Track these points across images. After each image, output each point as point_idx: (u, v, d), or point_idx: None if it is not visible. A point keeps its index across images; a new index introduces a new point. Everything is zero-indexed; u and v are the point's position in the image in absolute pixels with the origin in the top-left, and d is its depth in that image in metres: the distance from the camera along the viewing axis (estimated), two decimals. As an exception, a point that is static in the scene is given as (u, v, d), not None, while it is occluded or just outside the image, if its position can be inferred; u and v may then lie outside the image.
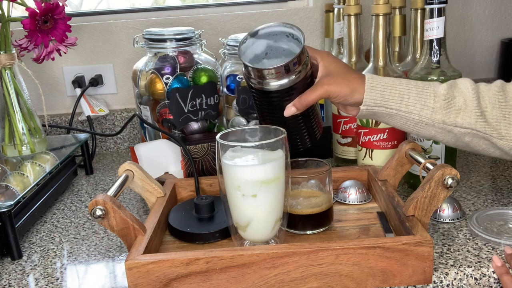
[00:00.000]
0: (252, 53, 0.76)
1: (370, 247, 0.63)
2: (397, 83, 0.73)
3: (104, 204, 0.67)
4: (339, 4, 1.11)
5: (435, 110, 0.71)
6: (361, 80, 0.73)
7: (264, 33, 0.76)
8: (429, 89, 0.72)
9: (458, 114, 0.71)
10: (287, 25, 0.76)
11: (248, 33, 0.76)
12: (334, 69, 0.74)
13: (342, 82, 0.72)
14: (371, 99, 0.72)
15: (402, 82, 0.73)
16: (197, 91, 1.02)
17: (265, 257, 0.63)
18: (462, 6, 1.36)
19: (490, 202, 0.87)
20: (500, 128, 0.71)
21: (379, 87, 0.72)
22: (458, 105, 0.71)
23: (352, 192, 0.86)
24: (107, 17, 1.34)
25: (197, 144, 0.95)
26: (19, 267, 0.76)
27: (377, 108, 0.73)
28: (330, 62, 0.74)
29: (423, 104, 0.72)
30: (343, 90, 0.72)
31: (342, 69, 0.74)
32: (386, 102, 0.72)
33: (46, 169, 0.95)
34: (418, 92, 0.72)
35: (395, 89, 0.72)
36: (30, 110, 1.03)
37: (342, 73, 0.74)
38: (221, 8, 1.36)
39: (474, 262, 0.69)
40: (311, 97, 0.72)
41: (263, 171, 0.67)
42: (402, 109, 0.72)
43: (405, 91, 0.72)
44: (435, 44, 0.85)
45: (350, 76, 0.73)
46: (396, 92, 0.72)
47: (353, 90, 0.72)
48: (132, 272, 0.63)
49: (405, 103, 0.72)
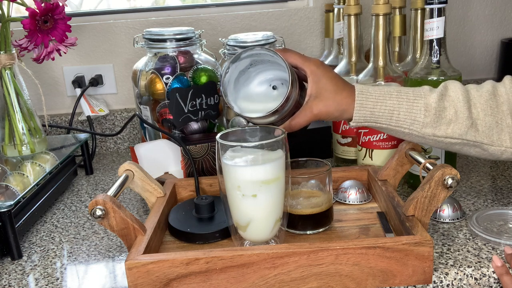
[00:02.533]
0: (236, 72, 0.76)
1: (370, 247, 0.63)
2: (387, 97, 0.72)
3: (104, 204, 0.67)
4: (339, 4, 1.11)
5: (425, 124, 0.72)
6: (351, 98, 0.73)
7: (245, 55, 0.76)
8: (419, 103, 0.72)
9: (449, 126, 0.71)
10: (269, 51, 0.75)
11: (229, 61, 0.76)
12: (323, 86, 0.73)
13: (331, 104, 0.72)
14: (361, 116, 0.73)
15: (393, 96, 0.72)
16: (197, 91, 1.02)
17: (265, 257, 0.63)
18: (462, 6, 1.36)
19: (490, 202, 0.87)
20: (492, 135, 0.72)
21: (368, 104, 0.72)
22: (448, 116, 0.71)
23: (352, 192, 0.86)
24: (107, 17, 1.34)
25: (197, 144, 0.95)
26: (19, 267, 0.76)
27: (367, 123, 0.74)
28: (319, 78, 0.73)
29: (413, 119, 0.72)
30: (332, 113, 0.73)
31: (332, 86, 0.73)
32: (376, 118, 0.73)
33: (46, 169, 0.95)
34: (408, 107, 0.72)
35: (385, 105, 0.72)
36: (30, 110, 1.03)
37: (332, 92, 0.73)
38: (221, 8, 1.36)
39: (474, 262, 0.69)
40: (300, 122, 0.73)
41: (263, 171, 0.67)
42: (392, 124, 0.73)
43: (395, 106, 0.72)
44: (435, 44, 0.85)
45: (340, 95, 0.73)
46: (386, 109, 0.72)
47: (342, 111, 0.73)
48: (132, 272, 0.63)
49: (395, 118, 0.72)
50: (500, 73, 1.38)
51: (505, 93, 0.73)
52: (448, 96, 0.72)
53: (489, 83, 0.74)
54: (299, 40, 1.34)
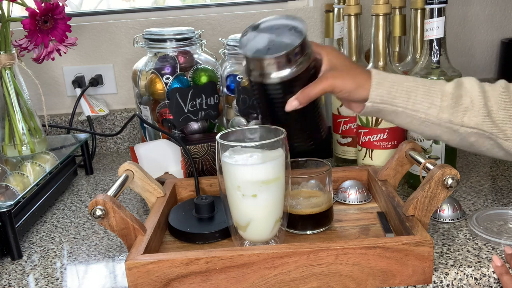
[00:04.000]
0: (253, 47, 0.73)
1: (370, 247, 0.63)
2: (404, 80, 0.71)
3: (104, 204, 0.67)
4: (339, 4, 1.11)
5: (442, 108, 0.70)
6: (366, 75, 0.71)
7: (265, 26, 0.74)
8: (436, 87, 0.71)
9: (465, 114, 0.70)
10: (289, 18, 0.73)
11: (250, 26, 0.74)
12: (339, 63, 0.72)
13: (347, 76, 0.70)
14: (378, 95, 0.70)
15: (409, 79, 0.72)
16: (197, 91, 1.02)
17: (265, 257, 0.63)
18: (462, 6, 1.36)
19: (490, 202, 0.87)
20: (506, 129, 0.70)
21: (386, 84, 0.70)
22: (465, 104, 0.70)
23: (352, 192, 0.86)
24: (107, 17, 1.34)
25: (197, 144, 0.95)
26: (19, 267, 0.76)
27: (383, 105, 0.71)
28: (334, 57, 0.72)
29: (430, 102, 0.70)
30: (348, 84, 0.70)
31: (347, 63, 0.73)
32: (392, 99, 0.70)
33: (46, 169, 0.95)
34: (425, 90, 0.71)
35: (402, 86, 0.71)
36: (30, 110, 1.03)
37: (347, 67, 0.72)
38: (221, 8, 1.36)
39: (474, 262, 0.69)
40: (315, 90, 0.70)
41: (263, 171, 0.67)
42: (409, 106, 0.70)
43: (412, 88, 0.70)
44: (435, 44, 0.85)
45: (355, 71, 0.72)
46: (403, 89, 0.70)
47: (358, 85, 0.70)
48: (132, 272, 0.63)
49: (412, 100, 0.70)
50: (500, 73, 1.38)
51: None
52: (464, 86, 0.71)
53: (502, 81, 0.73)
54: (299, 40, 1.34)
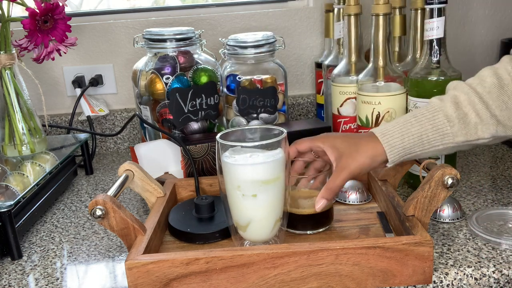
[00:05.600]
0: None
1: (370, 247, 0.63)
2: (409, 126, 0.72)
3: (104, 204, 0.67)
4: (339, 4, 1.11)
5: (455, 133, 0.71)
6: (373, 142, 0.72)
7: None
8: (439, 117, 0.71)
9: (477, 129, 0.71)
10: None
11: None
12: (341, 145, 0.72)
13: (358, 156, 0.71)
14: (395, 156, 0.72)
15: (413, 123, 0.72)
16: (197, 91, 1.02)
17: (265, 257, 0.63)
18: (462, 6, 1.36)
19: (490, 202, 0.87)
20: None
21: (396, 142, 0.71)
22: (473, 121, 0.71)
23: (352, 192, 0.86)
24: (107, 17, 1.34)
25: (197, 144, 0.95)
26: (19, 267, 0.76)
27: (403, 158, 0.73)
28: (333, 141, 0.73)
29: (442, 134, 0.71)
30: (364, 163, 0.71)
31: (349, 141, 0.72)
32: (409, 150, 0.72)
33: (46, 169, 0.95)
34: (432, 125, 0.71)
35: (411, 134, 0.71)
36: (30, 110, 1.03)
37: (352, 146, 0.72)
38: (221, 8, 1.36)
39: (474, 262, 0.69)
40: (337, 184, 0.70)
41: (263, 171, 0.67)
42: (425, 148, 0.72)
43: (421, 131, 0.71)
44: (435, 44, 0.85)
45: (361, 146, 0.71)
46: (414, 137, 0.71)
47: (373, 157, 0.71)
48: (132, 272, 0.63)
49: (426, 141, 0.71)
50: (500, 73, 1.37)
51: (508, 74, 0.72)
52: (462, 101, 0.72)
53: (490, 75, 0.73)
54: (299, 40, 1.34)
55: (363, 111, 0.93)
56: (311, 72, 1.37)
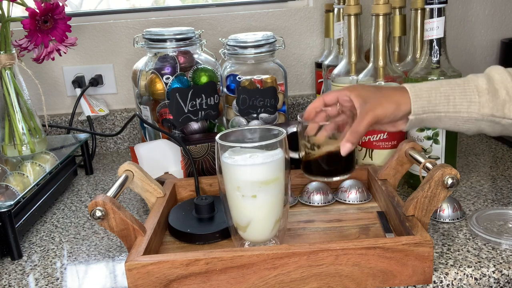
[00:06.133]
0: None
1: (370, 247, 0.63)
2: (438, 85, 0.72)
3: (103, 205, 0.67)
4: (339, 4, 1.11)
5: (482, 104, 0.71)
6: (401, 91, 0.72)
7: None
8: (470, 85, 0.72)
9: (504, 106, 0.71)
10: None
11: None
12: (368, 93, 0.72)
13: (383, 101, 0.71)
14: (419, 107, 0.71)
15: (443, 84, 0.72)
16: (197, 91, 1.02)
17: (265, 258, 0.63)
18: (462, 6, 1.36)
19: (490, 202, 0.87)
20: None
21: (424, 94, 0.71)
22: (502, 97, 0.71)
23: (352, 191, 0.86)
24: (107, 17, 1.34)
25: (197, 144, 0.95)
26: (19, 267, 0.76)
27: (426, 115, 0.72)
28: (360, 90, 0.73)
29: (469, 100, 0.71)
30: (389, 108, 0.71)
31: (376, 90, 0.73)
32: (434, 106, 0.71)
33: (46, 169, 0.95)
34: (462, 90, 0.71)
35: (439, 91, 0.71)
36: (30, 110, 1.03)
37: (378, 93, 0.72)
38: (221, 8, 1.36)
39: (474, 262, 0.69)
40: (362, 127, 0.70)
41: (263, 171, 0.67)
42: (450, 110, 0.71)
43: (449, 92, 0.71)
44: (435, 44, 0.85)
45: (387, 92, 0.72)
46: (441, 95, 0.71)
47: (398, 104, 0.71)
48: (132, 273, 0.63)
49: (452, 103, 0.71)
50: (500, 73, 1.37)
51: None
52: (496, 79, 0.72)
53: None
54: (299, 40, 1.34)
55: (363, 111, 0.93)
56: (311, 72, 1.37)
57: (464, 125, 0.73)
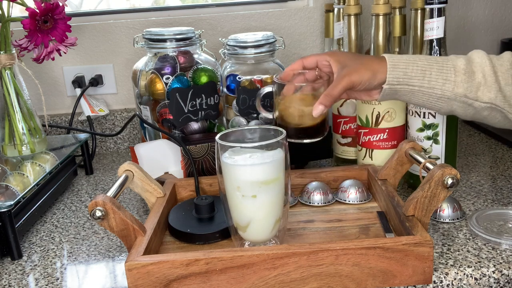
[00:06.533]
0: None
1: (370, 247, 0.63)
2: (417, 59, 0.73)
3: (103, 205, 0.67)
4: (339, 4, 1.11)
5: (457, 83, 0.72)
6: (379, 60, 0.73)
7: None
8: (448, 63, 0.73)
9: (479, 89, 0.72)
10: None
11: None
12: (346, 59, 0.74)
13: (361, 68, 0.73)
14: (394, 77, 0.72)
15: (422, 58, 0.74)
16: (197, 91, 1.02)
17: (265, 258, 0.63)
18: (462, 6, 1.36)
19: (490, 202, 0.87)
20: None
21: (401, 65, 0.73)
22: (478, 79, 0.72)
23: (352, 191, 0.86)
24: (107, 17, 1.34)
25: (197, 144, 0.95)
26: (19, 267, 0.76)
27: (400, 86, 0.73)
28: (340, 56, 0.75)
29: (444, 78, 0.72)
30: (365, 75, 0.72)
31: (356, 57, 0.75)
32: (409, 79, 0.73)
33: (46, 169, 0.95)
34: (439, 67, 0.73)
35: (416, 65, 0.73)
36: (30, 110, 1.03)
37: (357, 60, 0.74)
38: (221, 8, 1.36)
39: (474, 262, 0.69)
40: (336, 91, 0.72)
41: (263, 171, 0.67)
42: (424, 84, 0.73)
43: (426, 67, 0.73)
44: (435, 44, 0.85)
45: (365, 60, 0.74)
46: (418, 69, 0.72)
47: (374, 72, 0.73)
48: (132, 273, 0.63)
49: (428, 78, 0.72)
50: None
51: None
52: (475, 61, 0.73)
53: (509, 54, 0.75)
54: (299, 40, 1.34)
55: (363, 111, 0.93)
56: (311, 72, 1.37)
57: (436, 102, 0.74)
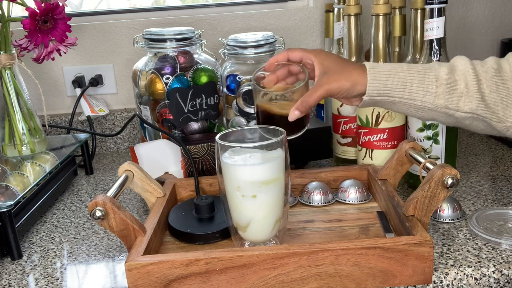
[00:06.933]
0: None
1: (370, 247, 0.63)
2: (399, 70, 0.73)
3: (103, 205, 0.67)
4: (339, 4, 1.11)
5: (437, 95, 0.72)
6: (361, 70, 0.73)
7: None
8: (430, 74, 0.72)
9: (460, 99, 0.71)
10: None
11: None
12: (330, 64, 0.74)
13: (341, 78, 0.72)
14: (374, 89, 0.72)
15: (404, 68, 0.73)
16: (197, 91, 1.02)
17: (265, 258, 0.63)
18: (462, 6, 1.36)
19: (490, 202, 0.87)
20: (497, 111, 0.72)
21: (381, 77, 0.72)
22: (459, 89, 0.71)
23: (352, 191, 0.86)
24: (107, 17, 1.34)
25: (197, 144, 0.95)
26: (19, 267, 0.76)
27: (380, 98, 0.73)
28: (324, 58, 0.74)
29: (425, 90, 0.72)
30: (344, 85, 0.72)
31: (339, 63, 0.74)
32: (389, 91, 0.72)
33: (46, 169, 0.95)
34: (420, 79, 0.72)
35: (397, 77, 0.72)
36: (30, 110, 1.03)
37: (339, 67, 0.73)
38: (221, 8, 1.36)
39: (474, 262, 0.69)
40: (313, 99, 0.72)
41: (263, 171, 0.67)
42: (405, 96, 0.72)
43: (407, 78, 0.72)
44: (435, 44, 0.85)
45: (348, 69, 0.73)
46: (399, 81, 0.72)
47: (354, 83, 0.72)
48: (132, 273, 0.63)
49: (408, 90, 0.72)
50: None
51: (510, 70, 0.73)
52: (458, 70, 0.72)
53: (493, 60, 0.74)
54: (299, 40, 1.34)
55: (363, 111, 0.93)
56: (311, 72, 1.37)
57: (417, 112, 0.74)
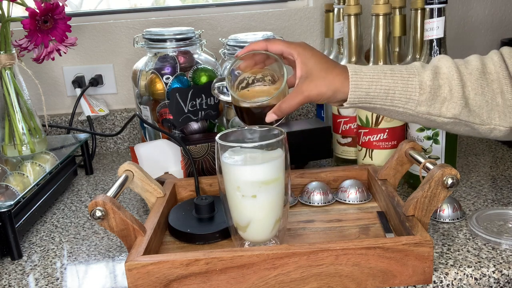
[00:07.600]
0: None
1: (370, 247, 0.63)
2: (382, 76, 0.70)
3: (103, 205, 0.67)
4: (339, 4, 1.11)
5: (420, 102, 0.70)
6: (343, 76, 0.70)
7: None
8: (414, 80, 0.70)
9: (443, 104, 0.70)
10: None
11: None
12: (313, 67, 0.71)
13: (322, 84, 0.70)
14: (356, 97, 0.70)
15: (387, 74, 0.71)
16: (197, 91, 1.02)
17: (265, 258, 0.63)
18: (462, 6, 1.36)
19: (490, 202, 0.87)
20: (482, 114, 0.70)
21: (364, 84, 0.70)
22: (443, 95, 0.70)
23: (352, 191, 0.86)
24: (107, 17, 1.34)
25: (197, 144, 0.95)
26: (19, 267, 0.76)
27: (361, 104, 0.72)
28: (308, 58, 0.71)
29: (408, 97, 0.70)
30: (324, 93, 0.70)
31: (322, 65, 0.71)
32: (371, 99, 0.71)
33: (46, 169, 0.95)
34: (404, 85, 0.70)
35: (380, 84, 0.70)
36: (30, 110, 1.03)
37: (322, 71, 0.70)
38: (221, 8, 1.36)
39: (474, 262, 0.69)
40: (291, 106, 0.70)
41: (263, 172, 0.67)
42: (387, 103, 0.71)
43: (390, 85, 0.70)
44: (435, 44, 0.85)
45: (331, 74, 0.70)
46: (381, 88, 0.70)
47: (335, 91, 0.70)
48: (132, 273, 0.63)
49: (390, 98, 0.70)
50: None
51: (495, 71, 0.71)
52: (442, 73, 0.71)
53: (477, 59, 0.73)
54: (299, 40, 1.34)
55: (363, 111, 0.93)
56: (311, 72, 1.37)
57: (398, 116, 0.73)
